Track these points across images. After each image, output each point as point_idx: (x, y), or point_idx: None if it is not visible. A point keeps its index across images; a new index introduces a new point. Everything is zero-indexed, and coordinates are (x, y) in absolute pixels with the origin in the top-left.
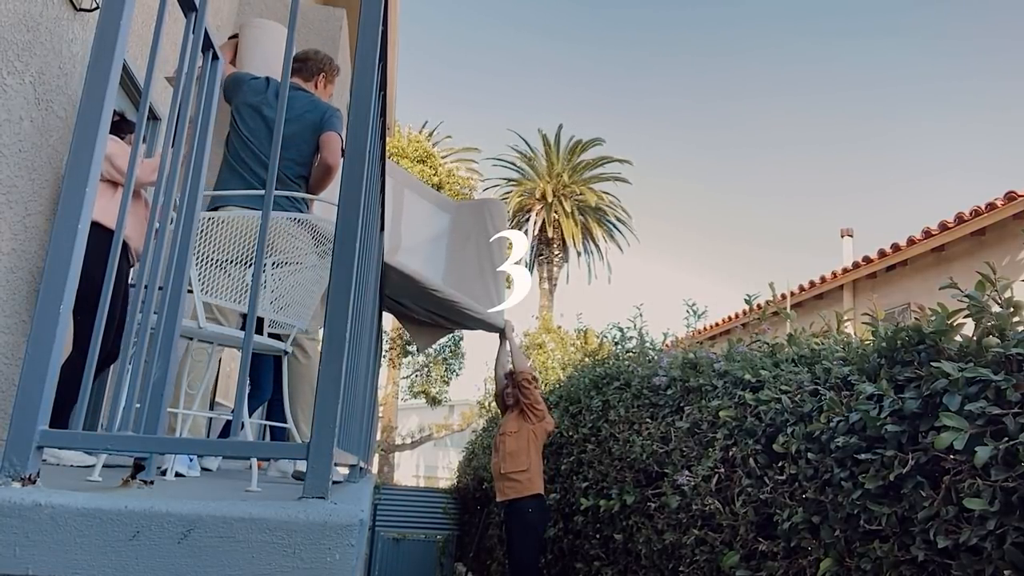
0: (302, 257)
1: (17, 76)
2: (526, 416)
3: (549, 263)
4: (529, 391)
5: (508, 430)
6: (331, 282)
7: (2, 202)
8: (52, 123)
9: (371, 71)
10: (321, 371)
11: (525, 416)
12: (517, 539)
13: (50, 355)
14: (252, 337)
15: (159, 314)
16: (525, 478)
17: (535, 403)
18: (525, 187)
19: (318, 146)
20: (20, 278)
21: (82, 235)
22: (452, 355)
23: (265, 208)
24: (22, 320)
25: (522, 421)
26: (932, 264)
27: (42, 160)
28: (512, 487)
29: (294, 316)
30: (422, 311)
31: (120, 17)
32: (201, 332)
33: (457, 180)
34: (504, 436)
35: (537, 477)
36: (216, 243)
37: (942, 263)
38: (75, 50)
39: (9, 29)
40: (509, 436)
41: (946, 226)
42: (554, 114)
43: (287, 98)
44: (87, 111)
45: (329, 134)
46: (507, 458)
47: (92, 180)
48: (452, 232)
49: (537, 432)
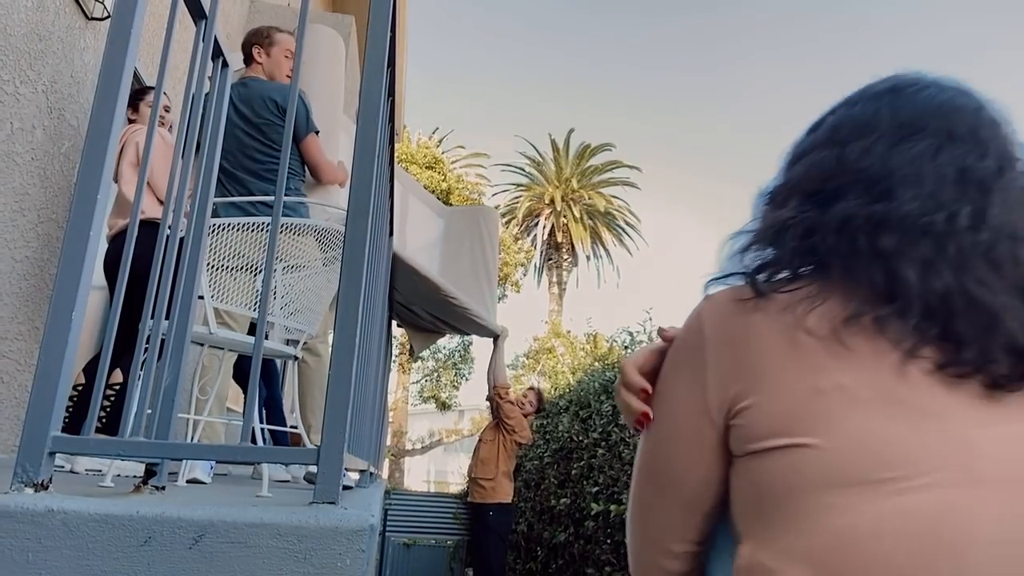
0: (309, 262)
1: (30, 85)
2: (500, 427)
3: (558, 267)
4: (501, 405)
5: (485, 437)
6: (341, 286)
7: (15, 210)
8: (64, 131)
9: (380, 76)
10: (331, 375)
11: (500, 427)
12: (481, 540)
13: (62, 361)
14: (262, 343)
15: (170, 320)
16: (490, 486)
17: (506, 416)
18: (534, 192)
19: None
20: (33, 285)
21: (94, 241)
22: (462, 360)
23: (275, 214)
24: (35, 327)
25: (497, 431)
26: None
27: (55, 168)
28: (479, 492)
29: (304, 321)
30: (427, 316)
31: (131, 26)
32: (212, 338)
33: (466, 185)
34: (481, 442)
35: (503, 486)
36: (221, 249)
37: None
38: (87, 59)
39: (21, 39)
40: (484, 443)
41: None
42: (566, 122)
43: (245, 98)
44: (98, 119)
45: (304, 143)
46: (478, 464)
47: (104, 186)
48: (446, 238)
49: (507, 444)
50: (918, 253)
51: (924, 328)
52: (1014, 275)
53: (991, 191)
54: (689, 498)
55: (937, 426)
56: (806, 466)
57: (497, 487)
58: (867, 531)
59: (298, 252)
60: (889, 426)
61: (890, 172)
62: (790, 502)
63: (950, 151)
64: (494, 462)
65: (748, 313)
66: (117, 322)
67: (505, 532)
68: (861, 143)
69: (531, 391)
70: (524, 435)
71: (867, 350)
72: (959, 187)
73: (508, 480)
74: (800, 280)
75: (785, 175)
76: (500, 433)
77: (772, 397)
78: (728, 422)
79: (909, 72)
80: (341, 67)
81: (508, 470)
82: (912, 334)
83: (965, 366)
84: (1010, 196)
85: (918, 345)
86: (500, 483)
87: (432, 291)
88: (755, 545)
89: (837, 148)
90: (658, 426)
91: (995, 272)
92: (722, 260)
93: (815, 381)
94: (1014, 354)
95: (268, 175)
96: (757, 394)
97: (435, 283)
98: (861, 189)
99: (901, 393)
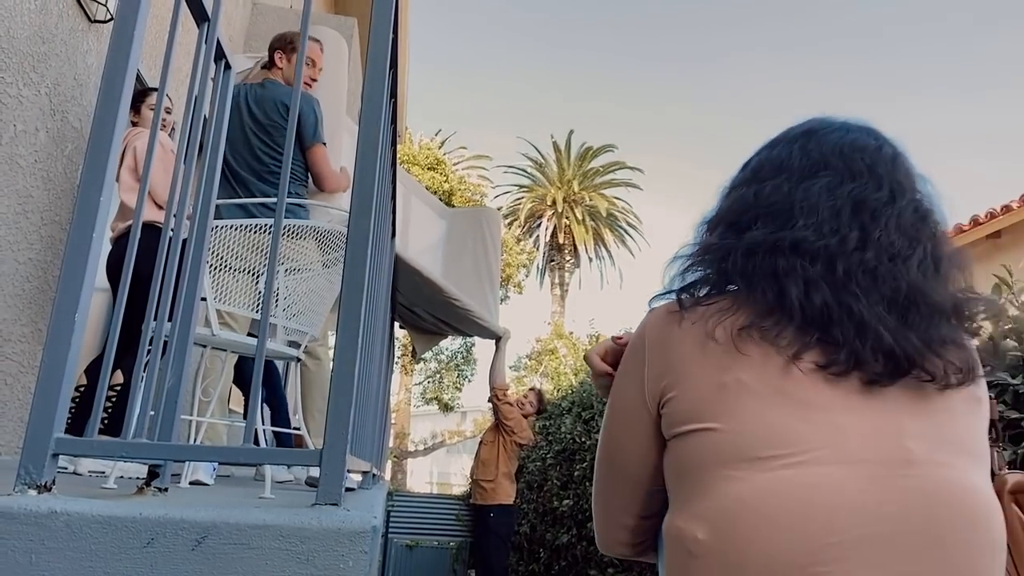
0: (310, 264)
1: (33, 87)
2: (500, 428)
3: (561, 269)
4: (500, 406)
5: (486, 439)
6: (343, 287)
7: (18, 212)
8: (67, 133)
9: (382, 78)
10: (334, 377)
11: (500, 428)
12: (482, 542)
13: (65, 363)
14: (265, 344)
15: (173, 322)
16: (491, 487)
17: (505, 417)
18: (536, 193)
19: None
20: (36, 287)
21: (97, 243)
22: (464, 361)
23: (278, 216)
24: (38, 329)
25: (497, 433)
26: None
27: (58, 170)
28: (480, 493)
29: (307, 323)
30: (430, 317)
31: (133, 28)
32: (214, 340)
33: (468, 187)
34: (482, 444)
35: (503, 488)
36: (221, 250)
37: None
38: (90, 61)
39: (25, 41)
40: (484, 445)
41: (961, 229)
42: (567, 124)
43: (260, 99)
44: (101, 121)
45: (310, 151)
46: (479, 465)
47: (107, 188)
48: (448, 239)
49: (508, 446)
50: (805, 272)
51: (805, 334)
52: (888, 289)
53: (880, 217)
54: (635, 477)
55: (815, 415)
56: (712, 445)
57: (498, 488)
58: (756, 497)
59: (298, 254)
60: (775, 414)
61: (792, 204)
62: (699, 475)
63: (849, 185)
64: (494, 463)
65: (675, 323)
66: (119, 323)
67: (507, 533)
68: (775, 181)
69: (531, 392)
70: (524, 436)
71: (758, 354)
72: (854, 216)
73: (509, 481)
74: (719, 296)
75: (717, 207)
76: (500, 434)
77: (688, 390)
78: (659, 411)
79: (823, 116)
80: (344, 69)
81: (509, 471)
82: (795, 340)
83: (840, 365)
84: (901, 221)
85: (801, 350)
86: (501, 484)
87: (434, 292)
88: (674, 511)
89: (756, 185)
90: (611, 416)
91: (872, 285)
92: (665, 278)
93: (720, 377)
94: (886, 356)
95: (270, 177)
96: (678, 388)
97: (437, 284)
98: (769, 220)
99: (786, 388)
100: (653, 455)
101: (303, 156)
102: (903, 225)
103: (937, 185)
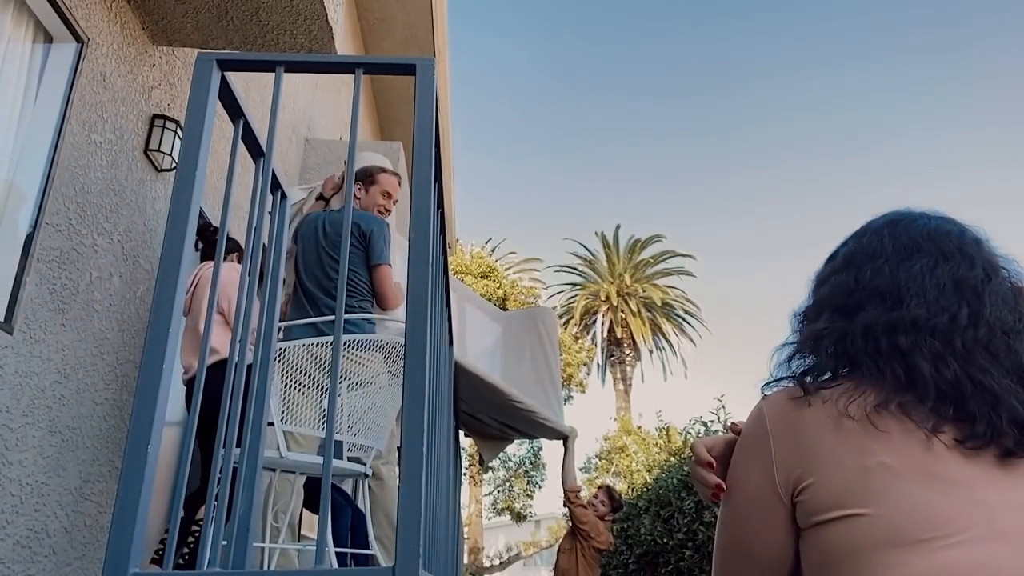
0: (374, 377)
1: (106, 236)
2: (577, 534)
3: (621, 363)
4: (573, 509)
5: (563, 547)
6: (404, 396)
7: (94, 354)
8: (139, 276)
9: (427, 188)
10: (401, 491)
11: (576, 534)
12: None
13: (139, 497)
14: (331, 463)
15: (241, 447)
16: None
17: (579, 521)
18: (589, 290)
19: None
20: (113, 426)
21: (166, 377)
22: (533, 467)
23: (336, 332)
24: (115, 467)
25: (574, 539)
26: None
27: (130, 311)
28: None
29: (372, 438)
30: (494, 422)
31: (194, 172)
32: (283, 462)
33: (521, 290)
34: (560, 553)
35: None
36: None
37: None
38: (158, 207)
39: (98, 195)
40: (562, 554)
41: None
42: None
43: (334, 221)
44: (167, 259)
45: (376, 271)
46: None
47: (175, 320)
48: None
49: (587, 552)
50: (929, 349)
51: (940, 410)
52: (1008, 362)
53: (983, 294)
54: (766, 564)
55: (963, 492)
56: (863, 531)
57: None
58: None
59: (362, 368)
60: (925, 494)
61: (898, 286)
62: (851, 563)
63: (944, 265)
64: (574, 572)
65: (801, 408)
66: (190, 457)
67: None
68: (872, 265)
69: (600, 490)
70: (602, 540)
71: (897, 430)
72: (957, 293)
73: None
74: (838, 379)
75: (814, 296)
76: (577, 540)
77: (828, 476)
78: (794, 500)
79: (902, 209)
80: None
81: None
82: (931, 415)
83: (979, 439)
84: (998, 297)
85: (938, 424)
86: None
87: (496, 396)
88: None
89: (854, 270)
90: (736, 503)
91: (993, 360)
92: (772, 367)
93: (862, 461)
94: (1017, 427)
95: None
96: (815, 474)
97: (499, 388)
98: (878, 301)
99: (931, 466)
100: (787, 541)
101: (369, 274)
102: (1006, 300)
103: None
